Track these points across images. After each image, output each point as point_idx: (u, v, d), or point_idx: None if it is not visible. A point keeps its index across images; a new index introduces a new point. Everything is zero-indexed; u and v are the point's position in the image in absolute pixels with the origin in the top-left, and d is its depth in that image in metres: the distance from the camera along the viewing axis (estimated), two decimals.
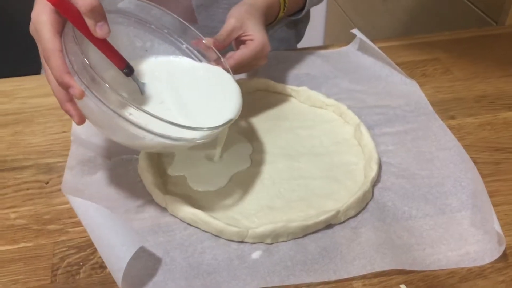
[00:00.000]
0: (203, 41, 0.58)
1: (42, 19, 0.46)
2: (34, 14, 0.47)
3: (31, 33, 0.49)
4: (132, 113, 0.45)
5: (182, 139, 0.47)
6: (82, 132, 0.61)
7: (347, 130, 0.64)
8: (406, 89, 0.71)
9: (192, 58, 0.59)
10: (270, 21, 0.70)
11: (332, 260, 0.48)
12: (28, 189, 0.56)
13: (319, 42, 2.00)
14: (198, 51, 0.59)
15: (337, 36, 1.85)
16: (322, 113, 0.66)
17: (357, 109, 0.66)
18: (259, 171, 0.58)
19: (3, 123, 0.65)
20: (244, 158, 0.59)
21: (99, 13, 0.46)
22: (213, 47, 0.58)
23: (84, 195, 0.53)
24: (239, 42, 0.62)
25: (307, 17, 0.89)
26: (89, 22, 0.46)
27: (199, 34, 0.58)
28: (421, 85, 0.71)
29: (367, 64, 0.76)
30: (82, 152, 0.59)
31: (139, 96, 0.53)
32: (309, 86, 0.69)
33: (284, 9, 0.71)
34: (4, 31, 1.16)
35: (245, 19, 0.61)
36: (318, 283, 0.46)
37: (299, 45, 0.91)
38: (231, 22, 0.60)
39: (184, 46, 0.59)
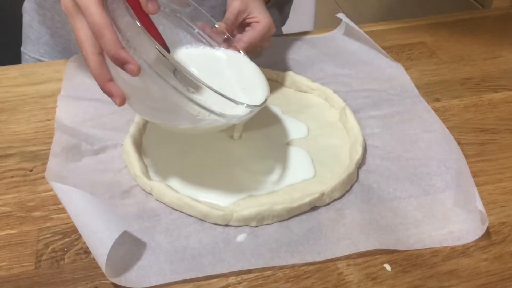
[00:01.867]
0: (216, 26, 0.58)
1: None
2: None
3: (65, 8, 0.46)
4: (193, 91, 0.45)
5: (235, 117, 0.47)
6: (66, 119, 0.60)
7: (332, 114, 0.64)
8: (392, 73, 0.71)
9: (203, 43, 0.58)
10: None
11: (316, 242, 0.48)
12: (12, 176, 0.55)
13: (309, 29, 1.99)
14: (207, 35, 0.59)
15: (326, 24, 1.85)
16: (307, 97, 0.66)
17: (342, 93, 0.66)
18: (243, 152, 0.58)
19: None
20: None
21: None
22: (225, 32, 0.58)
23: (68, 182, 0.53)
24: (244, 24, 0.63)
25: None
26: None
27: (211, 18, 0.58)
28: (407, 68, 0.72)
29: (353, 49, 0.76)
30: (66, 139, 0.58)
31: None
32: (295, 71, 0.69)
33: None
34: None
35: (249, 2, 0.62)
36: (302, 264, 0.46)
37: (287, 31, 0.90)
38: (236, 5, 0.61)
39: (196, 31, 0.59)
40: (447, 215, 0.51)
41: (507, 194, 0.53)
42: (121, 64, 0.43)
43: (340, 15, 0.77)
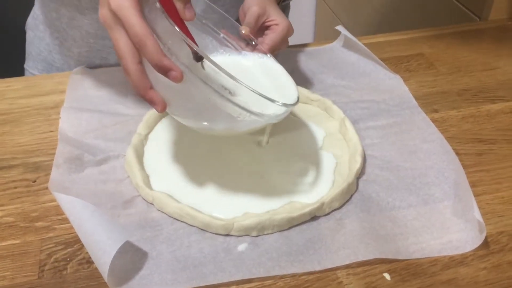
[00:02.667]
0: (242, 31, 0.60)
1: (124, 4, 0.44)
2: (111, 1, 0.45)
3: (104, 21, 0.47)
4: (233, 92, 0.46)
5: (273, 116, 0.48)
6: (69, 130, 0.61)
7: (332, 125, 0.64)
8: (391, 84, 0.72)
9: (229, 47, 0.60)
10: None
11: (316, 251, 0.49)
12: (15, 187, 0.56)
13: (309, 41, 2.01)
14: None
15: (326, 36, 1.87)
16: (307, 108, 0.67)
17: (342, 104, 0.67)
18: (245, 165, 0.58)
19: None
20: None
21: None
22: (251, 35, 0.60)
23: (71, 193, 0.54)
24: (263, 28, 0.65)
25: (288, 7, 0.90)
26: (178, 4, 0.46)
27: (236, 23, 0.59)
28: (405, 80, 0.72)
29: (352, 60, 0.77)
30: (69, 150, 0.59)
31: None
32: (295, 82, 0.69)
33: None
34: None
35: (266, 5, 0.64)
36: (303, 273, 0.47)
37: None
38: (255, 9, 0.63)
39: (221, 36, 0.60)
40: (446, 225, 0.51)
41: (505, 203, 0.54)
42: (165, 72, 0.44)
43: (339, 28, 0.78)
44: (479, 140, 0.62)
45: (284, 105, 0.48)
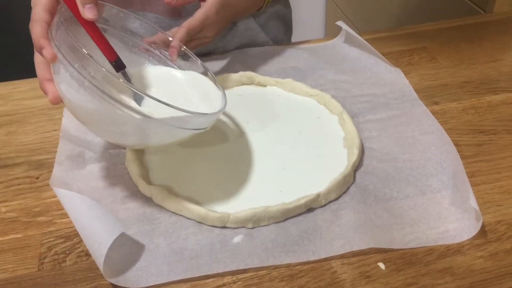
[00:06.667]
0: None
1: (38, 1, 0.51)
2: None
3: (30, 24, 0.51)
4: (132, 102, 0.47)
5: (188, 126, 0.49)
6: (71, 128, 0.62)
7: (331, 119, 0.64)
8: (391, 78, 0.72)
9: (162, 58, 0.60)
10: (256, 8, 0.74)
11: (311, 242, 0.49)
12: (19, 184, 0.57)
13: None
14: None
15: (336, 35, 1.86)
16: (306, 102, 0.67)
17: (341, 99, 0.67)
18: (243, 158, 0.59)
19: None
20: None
21: None
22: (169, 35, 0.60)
23: (72, 188, 0.55)
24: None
25: (290, 9, 0.90)
26: (78, 2, 0.48)
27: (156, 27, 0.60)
28: (406, 73, 0.72)
29: (353, 56, 0.77)
30: (71, 147, 0.60)
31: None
32: (295, 78, 0.70)
33: None
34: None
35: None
36: (297, 263, 0.47)
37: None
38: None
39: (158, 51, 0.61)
40: (443, 214, 0.51)
41: (503, 193, 0.53)
42: (39, 49, 0.48)
43: (340, 23, 0.78)
44: (479, 131, 0.62)
45: (197, 114, 0.48)
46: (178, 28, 0.62)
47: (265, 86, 0.70)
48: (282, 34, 0.90)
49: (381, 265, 0.47)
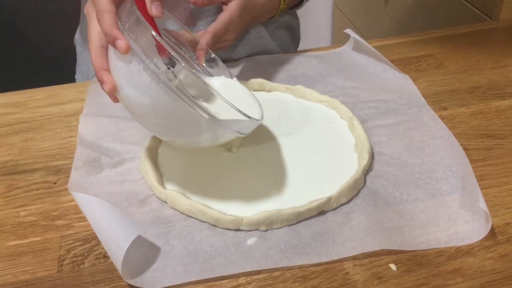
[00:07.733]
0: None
1: None
2: None
3: (86, 12, 0.52)
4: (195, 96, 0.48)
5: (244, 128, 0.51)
6: (87, 134, 0.64)
7: (342, 124, 0.66)
8: (400, 84, 0.73)
9: (197, 68, 0.62)
10: (271, 14, 0.75)
11: (323, 244, 0.50)
12: (37, 189, 0.59)
13: None
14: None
15: (342, 43, 1.88)
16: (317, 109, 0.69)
17: (351, 104, 0.68)
18: (255, 163, 0.60)
19: (16, 131, 0.68)
20: None
21: None
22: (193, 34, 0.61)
23: (89, 193, 0.56)
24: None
25: (297, 20, 0.92)
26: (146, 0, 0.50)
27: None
28: (414, 79, 0.73)
29: (362, 63, 0.78)
30: (87, 153, 0.62)
31: None
32: (305, 85, 0.71)
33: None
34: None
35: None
36: (310, 264, 0.48)
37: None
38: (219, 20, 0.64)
39: (187, 55, 0.62)
40: (453, 217, 0.52)
41: None
42: (112, 40, 0.47)
43: (348, 31, 0.80)
44: (488, 135, 0.63)
45: (253, 120, 0.50)
46: (203, 32, 0.63)
47: (276, 92, 0.72)
48: (289, 43, 0.91)
49: (393, 266, 0.47)
